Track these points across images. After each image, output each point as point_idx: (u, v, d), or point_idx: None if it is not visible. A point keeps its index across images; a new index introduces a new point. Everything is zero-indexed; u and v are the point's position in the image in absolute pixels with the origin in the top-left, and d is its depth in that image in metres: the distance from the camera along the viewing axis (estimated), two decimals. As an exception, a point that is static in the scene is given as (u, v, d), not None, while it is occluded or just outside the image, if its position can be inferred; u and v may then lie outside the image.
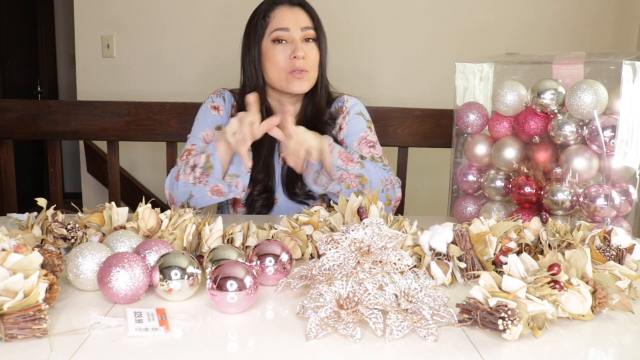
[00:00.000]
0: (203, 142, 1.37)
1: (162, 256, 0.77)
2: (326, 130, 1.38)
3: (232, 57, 1.43)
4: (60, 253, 0.87)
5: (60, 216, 0.94)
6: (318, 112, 1.38)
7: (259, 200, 1.36)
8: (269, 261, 0.83)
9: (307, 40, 1.33)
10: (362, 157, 1.34)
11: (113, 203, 1.00)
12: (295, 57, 1.30)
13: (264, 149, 1.36)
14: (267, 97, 1.40)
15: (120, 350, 0.63)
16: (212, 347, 0.64)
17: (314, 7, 1.39)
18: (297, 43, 1.31)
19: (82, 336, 0.65)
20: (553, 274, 0.72)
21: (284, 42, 1.32)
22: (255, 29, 1.35)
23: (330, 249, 0.77)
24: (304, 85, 1.33)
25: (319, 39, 1.35)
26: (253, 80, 1.37)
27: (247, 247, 0.94)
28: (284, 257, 0.84)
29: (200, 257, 0.85)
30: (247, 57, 1.36)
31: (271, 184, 1.36)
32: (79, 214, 1.02)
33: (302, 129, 1.22)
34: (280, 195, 1.38)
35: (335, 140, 1.37)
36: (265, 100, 1.38)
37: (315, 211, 1.05)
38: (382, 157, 1.41)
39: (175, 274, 0.75)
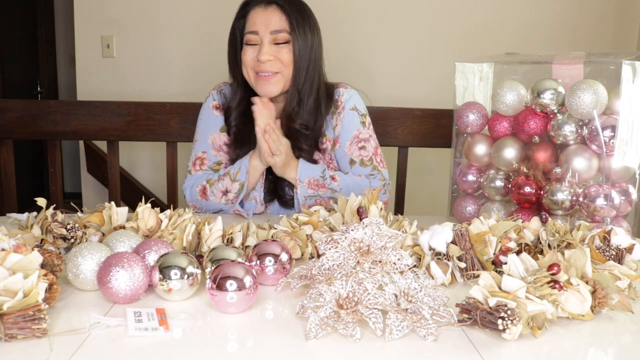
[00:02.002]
0: (213, 150, 1.39)
1: (162, 256, 0.77)
2: (300, 141, 1.34)
3: (232, 57, 1.43)
4: (59, 253, 0.87)
5: (60, 216, 0.94)
6: (289, 118, 1.34)
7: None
8: (269, 261, 0.83)
9: (278, 42, 1.29)
10: (336, 177, 1.34)
11: (113, 203, 1.00)
12: (259, 60, 1.28)
13: (253, 140, 1.36)
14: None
15: (120, 350, 0.63)
16: (212, 347, 0.64)
17: (310, 5, 1.36)
18: (263, 46, 1.28)
19: (82, 336, 0.65)
20: (553, 274, 0.72)
21: (254, 44, 1.30)
22: (234, 31, 1.34)
23: (330, 249, 0.77)
24: (269, 87, 1.30)
25: (294, 41, 1.29)
26: (235, 79, 1.38)
27: (246, 246, 0.94)
28: (284, 256, 0.84)
29: (199, 257, 0.85)
30: (229, 58, 1.37)
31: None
32: (79, 214, 1.02)
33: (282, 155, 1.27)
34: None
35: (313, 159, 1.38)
36: (249, 99, 1.37)
37: (315, 211, 1.05)
38: (372, 158, 1.39)
39: (175, 273, 0.75)
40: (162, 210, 0.97)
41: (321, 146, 1.38)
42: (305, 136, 1.34)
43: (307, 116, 1.35)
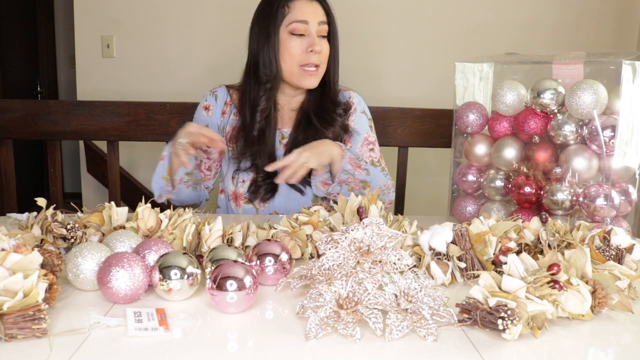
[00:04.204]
0: None
1: (162, 256, 0.77)
2: (337, 121, 1.40)
3: (232, 57, 1.43)
4: (59, 253, 0.87)
5: (60, 216, 0.94)
6: (333, 105, 1.40)
7: (262, 186, 1.38)
8: (269, 261, 0.83)
9: (321, 35, 1.34)
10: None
11: (113, 203, 1.00)
12: (312, 50, 1.31)
13: (269, 138, 1.38)
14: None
15: (119, 350, 0.63)
16: (211, 347, 0.64)
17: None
18: (314, 37, 1.31)
19: (82, 336, 0.65)
20: (553, 274, 0.72)
21: (301, 34, 1.32)
22: (275, 17, 1.32)
23: (330, 249, 0.77)
24: (314, 80, 1.35)
25: (333, 34, 1.36)
26: (270, 69, 1.34)
27: (246, 246, 0.94)
28: (284, 256, 0.84)
29: (199, 257, 0.85)
30: (266, 46, 1.33)
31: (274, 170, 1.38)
32: (79, 213, 1.02)
33: (310, 148, 1.24)
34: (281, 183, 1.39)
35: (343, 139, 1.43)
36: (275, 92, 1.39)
37: (315, 211, 1.05)
38: (380, 159, 1.46)
39: (175, 273, 0.75)
40: (162, 210, 0.97)
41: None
42: (340, 115, 1.41)
43: (340, 100, 1.44)
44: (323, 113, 1.39)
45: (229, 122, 1.42)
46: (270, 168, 1.23)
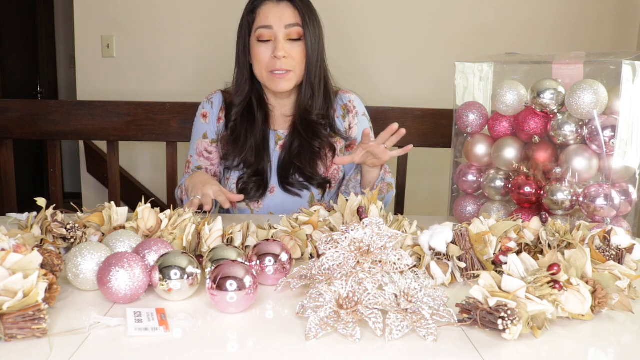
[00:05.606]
0: (196, 155, 1.46)
1: (162, 256, 0.77)
2: (319, 129, 1.38)
3: (231, 57, 1.43)
4: (59, 253, 0.87)
5: (60, 216, 0.94)
6: (305, 111, 1.38)
7: (250, 184, 1.38)
8: (269, 261, 0.83)
9: (291, 38, 1.31)
10: None
11: (113, 203, 1.00)
12: (275, 56, 1.29)
13: (255, 133, 1.38)
14: (264, 91, 1.41)
15: (119, 350, 0.63)
16: (211, 347, 0.64)
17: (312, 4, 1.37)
18: (278, 42, 1.29)
19: (82, 336, 0.65)
20: (553, 274, 0.72)
21: (267, 40, 1.31)
22: (241, 26, 1.35)
23: (330, 249, 0.77)
24: (284, 84, 1.33)
25: (306, 36, 1.31)
26: (242, 75, 1.38)
27: (246, 246, 0.94)
28: (284, 256, 0.84)
29: (199, 257, 0.85)
30: (241, 52, 1.37)
31: (262, 167, 1.39)
32: (79, 213, 1.02)
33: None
34: (276, 184, 1.40)
35: (337, 133, 1.43)
36: (252, 93, 1.39)
37: (315, 211, 1.05)
38: None
39: (174, 273, 0.75)
40: (162, 210, 0.97)
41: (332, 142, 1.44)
42: (323, 125, 1.40)
43: (321, 107, 1.40)
44: (310, 124, 1.38)
45: (223, 127, 1.44)
46: (338, 161, 1.26)
